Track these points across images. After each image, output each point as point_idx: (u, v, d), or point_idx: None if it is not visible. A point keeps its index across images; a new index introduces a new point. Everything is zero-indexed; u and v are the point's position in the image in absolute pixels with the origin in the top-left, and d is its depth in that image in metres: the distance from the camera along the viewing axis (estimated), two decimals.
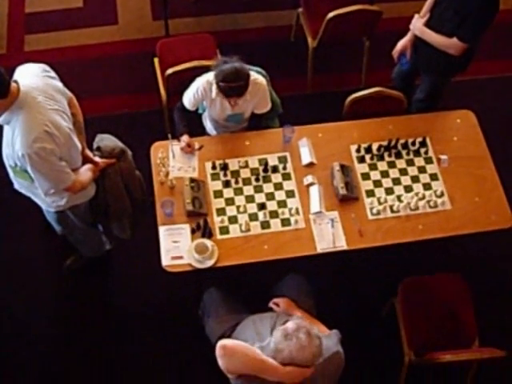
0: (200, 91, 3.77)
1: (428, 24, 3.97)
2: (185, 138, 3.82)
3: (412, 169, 3.85)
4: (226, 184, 3.75)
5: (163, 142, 3.86)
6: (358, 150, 3.89)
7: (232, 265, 3.53)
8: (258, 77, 3.81)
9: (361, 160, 3.86)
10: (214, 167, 3.79)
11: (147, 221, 3.78)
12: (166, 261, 3.51)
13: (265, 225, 3.64)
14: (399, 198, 3.74)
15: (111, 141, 3.65)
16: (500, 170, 3.87)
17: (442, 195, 3.76)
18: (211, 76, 3.66)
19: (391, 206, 3.70)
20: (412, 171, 3.84)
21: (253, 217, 3.65)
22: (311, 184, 3.75)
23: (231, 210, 3.67)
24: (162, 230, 3.59)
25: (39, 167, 3.13)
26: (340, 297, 4.23)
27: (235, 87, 3.54)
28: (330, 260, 3.95)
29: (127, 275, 4.29)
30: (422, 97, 4.43)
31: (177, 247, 3.54)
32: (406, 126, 3.99)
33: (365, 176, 3.82)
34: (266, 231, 3.62)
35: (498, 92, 5.19)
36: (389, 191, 3.77)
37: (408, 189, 3.79)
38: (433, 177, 3.83)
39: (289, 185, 3.77)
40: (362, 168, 3.84)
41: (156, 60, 4.59)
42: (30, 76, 3.17)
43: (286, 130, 3.84)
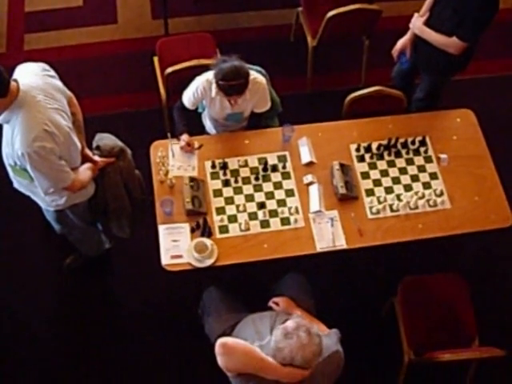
0: (200, 90, 3.77)
1: (428, 23, 3.97)
2: (184, 137, 3.81)
3: (412, 168, 3.85)
4: (226, 183, 3.75)
5: (163, 141, 3.86)
6: (358, 149, 3.89)
7: (231, 264, 3.52)
8: (258, 76, 3.81)
9: (360, 159, 3.86)
10: (214, 166, 3.79)
11: (147, 220, 3.78)
12: (166, 260, 3.51)
13: (264, 224, 3.64)
14: (399, 197, 3.74)
15: (110, 140, 3.65)
16: (500, 170, 3.87)
17: (442, 194, 3.76)
18: (211, 75, 3.66)
19: (391, 205, 3.70)
20: (412, 170, 3.84)
21: (252, 216, 3.65)
22: (311, 183, 3.75)
23: (231, 209, 3.67)
24: (162, 229, 3.59)
25: (39, 166, 3.13)
26: (339, 296, 4.23)
27: (235, 85, 3.54)
28: (330, 259, 3.95)
29: (127, 274, 4.29)
30: (422, 96, 4.43)
31: (176, 246, 3.54)
32: (406, 125, 3.99)
33: (364, 175, 3.81)
34: (266, 230, 3.62)
35: (498, 91, 5.19)
36: (388, 190, 3.77)
37: (408, 188, 3.78)
38: (432, 176, 3.83)
39: (288, 184, 3.77)
40: (362, 167, 3.84)
41: (155, 59, 4.58)
42: (30, 75, 3.17)
43: (286, 129, 3.84)
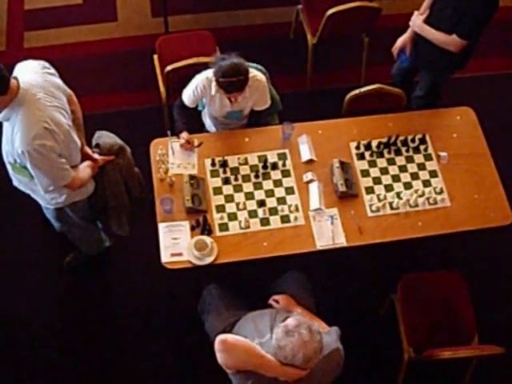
0: (199, 88, 3.76)
1: (427, 21, 3.97)
2: (184, 135, 3.81)
3: (411, 166, 3.85)
4: (226, 181, 3.75)
5: (162, 139, 3.86)
6: (358, 147, 3.88)
7: (231, 262, 3.52)
8: (258, 74, 3.81)
9: (360, 157, 3.86)
10: (214, 164, 3.79)
11: (146, 218, 3.77)
12: (166, 257, 3.51)
13: (264, 222, 3.64)
14: (399, 195, 3.74)
15: (110, 138, 3.65)
16: (499, 168, 3.87)
17: (442, 192, 3.76)
18: (210, 73, 3.65)
19: (391, 203, 3.70)
20: (411, 168, 3.84)
21: (252, 214, 3.65)
22: (311, 181, 3.75)
23: (231, 207, 3.67)
24: (162, 227, 3.59)
25: (39, 164, 3.13)
26: (339, 293, 4.23)
27: (235, 82, 3.54)
28: (330, 257, 3.96)
29: (127, 272, 4.29)
30: (422, 94, 4.43)
31: (176, 244, 3.54)
32: (406, 123, 3.99)
33: (364, 173, 3.81)
34: (266, 228, 3.62)
35: (498, 89, 5.18)
36: (388, 188, 3.77)
37: (407, 186, 3.78)
38: (432, 174, 3.83)
39: (288, 182, 3.77)
40: (362, 165, 3.84)
41: (155, 57, 4.58)
42: (30, 73, 3.17)
43: (286, 127, 3.84)
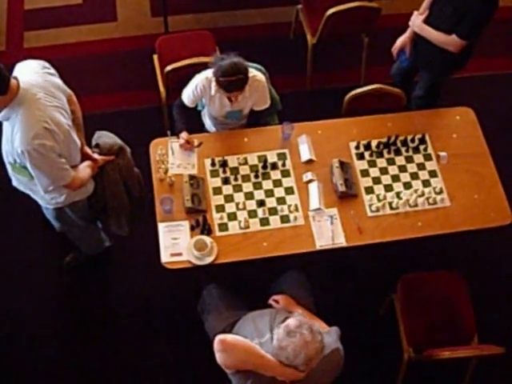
0: (199, 88, 3.76)
1: (427, 21, 3.97)
2: (184, 135, 3.81)
3: (411, 166, 3.85)
4: (225, 181, 3.75)
5: (162, 139, 3.86)
6: (358, 147, 3.89)
7: (231, 262, 3.52)
8: (258, 73, 3.81)
9: (360, 157, 3.86)
10: (214, 164, 3.79)
11: (146, 218, 3.78)
12: (165, 257, 3.51)
13: (264, 222, 3.64)
14: (398, 195, 3.74)
15: (110, 138, 3.65)
16: (499, 167, 3.87)
17: (441, 192, 3.76)
18: (210, 73, 3.65)
19: (390, 203, 3.70)
20: (411, 168, 3.84)
21: (252, 214, 3.65)
22: (310, 181, 3.75)
23: (230, 207, 3.67)
24: (162, 227, 3.59)
25: (39, 164, 3.13)
26: (339, 293, 4.23)
27: (235, 81, 3.54)
28: (329, 257, 3.96)
29: (126, 272, 4.29)
30: (422, 94, 4.43)
31: (176, 244, 3.54)
32: (406, 123, 3.99)
33: (364, 173, 3.82)
34: (265, 228, 3.62)
35: (498, 89, 5.19)
36: (388, 188, 3.77)
37: (407, 186, 3.79)
38: (432, 174, 3.83)
39: (288, 182, 3.77)
40: (361, 165, 3.84)
41: (155, 57, 4.58)
42: (30, 73, 3.17)
43: (285, 127, 3.84)
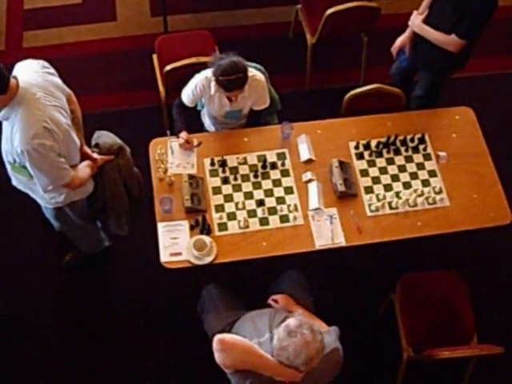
0: (199, 88, 3.76)
1: (426, 21, 3.97)
2: (183, 135, 3.81)
3: (411, 165, 3.85)
4: (225, 180, 3.75)
5: (162, 139, 3.86)
6: (357, 147, 3.89)
7: (231, 261, 3.52)
8: (257, 73, 3.81)
9: (359, 157, 3.86)
10: (213, 164, 3.79)
11: (146, 217, 3.78)
12: (165, 257, 3.51)
13: (263, 221, 3.64)
14: (398, 195, 3.74)
15: (109, 137, 3.65)
16: (499, 167, 3.87)
17: (441, 192, 3.76)
18: (210, 73, 3.65)
19: (390, 203, 3.70)
20: (411, 168, 3.84)
21: (251, 213, 3.65)
22: (310, 180, 3.75)
23: (230, 207, 3.67)
24: (161, 227, 3.59)
25: (38, 163, 3.13)
26: (338, 293, 4.23)
27: (234, 80, 3.54)
28: (329, 256, 3.96)
29: (126, 271, 4.29)
30: (421, 93, 4.43)
31: (175, 244, 3.54)
32: (405, 123, 3.99)
33: (363, 172, 3.82)
34: (265, 228, 3.62)
35: (497, 89, 5.19)
36: (387, 188, 3.77)
37: (407, 185, 3.79)
38: (431, 173, 3.83)
39: (287, 181, 3.77)
40: (361, 164, 3.84)
41: (155, 56, 4.58)
42: (30, 72, 3.17)
43: (285, 127, 3.84)
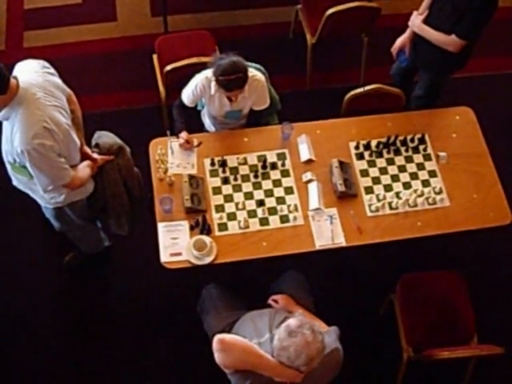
0: (199, 88, 3.77)
1: (426, 21, 3.97)
2: (183, 135, 3.81)
3: (411, 166, 3.85)
4: (225, 181, 3.75)
5: (162, 139, 3.86)
6: (357, 147, 3.89)
7: (231, 261, 3.52)
8: (257, 73, 3.81)
9: (359, 157, 3.86)
10: (213, 164, 3.79)
11: (146, 217, 3.78)
12: (165, 257, 3.51)
13: (263, 221, 3.64)
14: (398, 195, 3.74)
15: (110, 137, 3.65)
16: (498, 167, 3.88)
17: (441, 192, 3.77)
18: (210, 73, 3.65)
19: (390, 203, 3.70)
20: (411, 168, 3.84)
21: (251, 213, 3.65)
22: (310, 181, 3.75)
23: (230, 207, 3.67)
24: (161, 227, 3.59)
25: (38, 163, 3.13)
26: (338, 293, 4.23)
27: (235, 79, 3.54)
28: (329, 257, 3.96)
29: (126, 271, 4.29)
30: (421, 94, 4.44)
31: (175, 244, 3.54)
32: (405, 123, 3.99)
33: (363, 173, 3.82)
34: (265, 228, 3.62)
35: (497, 89, 5.19)
36: (387, 188, 3.77)
37: (407, 186, 3.79)
38: (431, 174, 3.83)
39: (287, 181, 3.77)
40: (361, 165, 3.84)
41: (155, 56, 4.58)
42: (30, 72, 3.17)
43: (285, 127, 3.84)
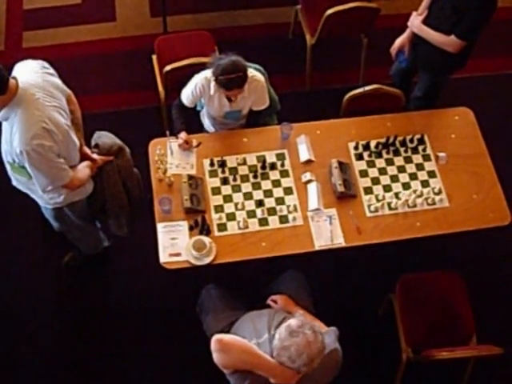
0: (198, 88, 3.77)
1: (426, 21, 3.97)
2: (183, 135, 3.81)
3: (410, 166, 3.85)
4: (224, 181, 3.75)
5: (161, 139, 3.86)
6: (356, 148, 3.89)
7: (230, 262, 3.53)
8: (257, 74, 3.81)
9: (359, 157, 3.86)
10: (212, 164, 3.79)
11: (145, 218, 3.78)
12: (164, 258, 3.51)
13: (263, 222, 3.64)
14: (397, 196, 3.74)
15: (109, 138, 3.65)
16: (498, 168, 3.88)
17: (440, 192, 3.77)
18: (209, 73, 3.65)
19: (389, 204, 3.70)
20: (410, 168, 3.84)
21: (251, 214, 3.65)
22: (309, 181, 3.75)
23: (229, 207, 3.67)
24: (160, 227, 3.59)
25: (37, 164, 3.13)
26: (337, 294, 4.23)
27: (235, 78, 3.54)
28: (328, 257, 3.96)
29: (125, 272, 4.29)
30: (420, 94, 4.44)
31: (175, 244, 3.54)
32: (404, 124, 3.99)
33: (363, 173, 3.82)
34: (264, 228, 3.62)
35: (496, 89, 5.19)
36: (387, 188, 3.77)
37: (406, 186, 3.79)
38: (431, 174, 3.83)
39: (287, 182, 3.77)
40: (360, 165, 3.84)
41: (154, 57, 4.58)
42: (29, 73, 3.17)
43: (284, 128, 3.84)
